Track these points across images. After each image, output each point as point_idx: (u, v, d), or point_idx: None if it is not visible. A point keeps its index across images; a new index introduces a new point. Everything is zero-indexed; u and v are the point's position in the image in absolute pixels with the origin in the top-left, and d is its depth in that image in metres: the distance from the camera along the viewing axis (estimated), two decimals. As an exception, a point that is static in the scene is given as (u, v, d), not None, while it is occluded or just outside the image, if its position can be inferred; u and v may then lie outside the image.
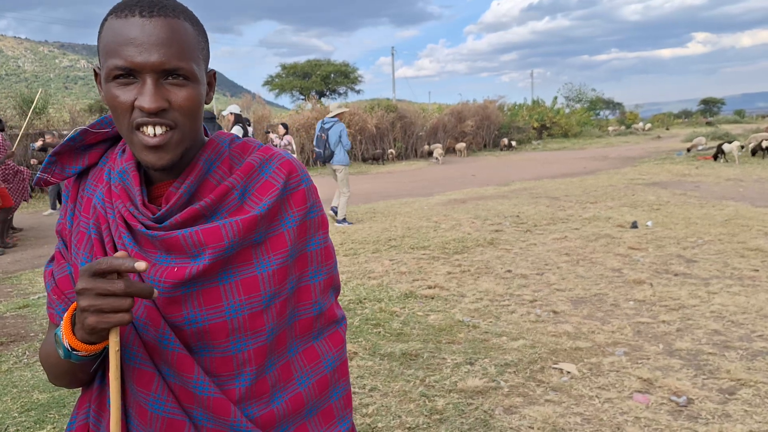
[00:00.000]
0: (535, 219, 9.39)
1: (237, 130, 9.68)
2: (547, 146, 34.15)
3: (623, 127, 53.11)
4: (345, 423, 1.16)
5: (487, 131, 33.64)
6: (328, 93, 51.63)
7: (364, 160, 26.49)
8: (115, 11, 0.96)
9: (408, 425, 3.15)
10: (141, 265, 0.85)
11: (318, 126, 9.93)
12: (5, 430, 3.32)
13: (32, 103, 19.62)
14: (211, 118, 9.14)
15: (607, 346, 4.18)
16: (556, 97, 44.81)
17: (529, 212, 10.08)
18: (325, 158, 9.80)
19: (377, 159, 26.38)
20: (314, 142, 9.97)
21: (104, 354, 1.01)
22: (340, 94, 52.93)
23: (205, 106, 1.06)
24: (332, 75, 51.54)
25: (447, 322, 4.75)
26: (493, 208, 10.81)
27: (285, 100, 59.68)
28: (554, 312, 4.94)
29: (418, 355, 4.08)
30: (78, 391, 2.98)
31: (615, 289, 5.50)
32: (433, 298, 5.43)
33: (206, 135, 1.15)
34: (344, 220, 9.83)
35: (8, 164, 9.38)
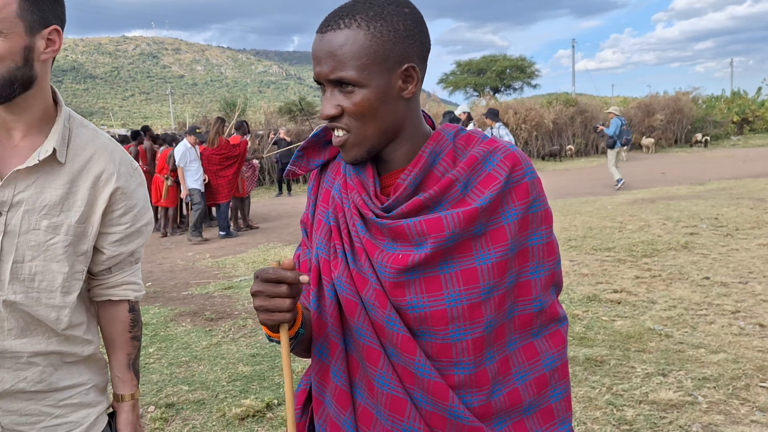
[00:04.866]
0: (737, 222, 8.51)
1: (472, 128, 10.10)
2: (749, 142, 30.63)
3: None
4: (566, 425, 1.13)
5: (679, 126, 30.95)
6: (503, 89, 50.89)
7: (541, 158, 25.74)
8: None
9: (594, 432, 3.03)
10: (304, 278, 0.99)
11: (619, 122, 13.82)
12: (216, 396, 3.74)
13: (234, 105, 21.85)
14: (454, 119, 9.63)
15: (828, 368, 3.69)
16: (760, 88, 39.85)
17: (730, 214, 9.16)
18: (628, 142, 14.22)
19: (554, 155, 25.49)
20: (617, 133, 13.81)
21: (300, 337, 1.12)
22: (515, 89, 51.94)
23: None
24: (508, 70, 50.69)
25: (636, 329, 4.49)
26: (687, 208, 9.97)
27: (458, 97, 59.87)
28: (761, 325, 4.46)
29: (603, 362, 3.91)
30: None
31: (838, 305, 4.82)
32: (619, 303, 5.16)
33: (433, 127, 1.19)
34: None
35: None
